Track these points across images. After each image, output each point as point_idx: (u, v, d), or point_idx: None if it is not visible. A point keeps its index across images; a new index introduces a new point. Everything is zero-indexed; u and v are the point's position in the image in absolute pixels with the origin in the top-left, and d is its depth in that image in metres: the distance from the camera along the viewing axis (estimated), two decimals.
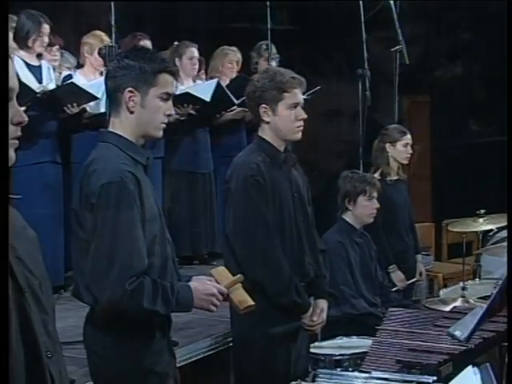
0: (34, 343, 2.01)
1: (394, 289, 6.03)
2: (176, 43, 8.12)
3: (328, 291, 4.70)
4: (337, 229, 5.66)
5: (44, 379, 2.02)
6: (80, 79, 7.00)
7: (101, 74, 7.04)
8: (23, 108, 6.29)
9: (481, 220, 6.70)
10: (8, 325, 1.87)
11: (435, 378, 3.44)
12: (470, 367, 1.92)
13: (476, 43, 10.72)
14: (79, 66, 7.56)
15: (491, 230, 7.07)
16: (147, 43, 7.09)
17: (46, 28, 6.70)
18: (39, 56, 6.80)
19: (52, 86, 6.72)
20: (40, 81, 6.70)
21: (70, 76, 7.15)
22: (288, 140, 4.54)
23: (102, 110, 6.47)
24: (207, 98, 7.56)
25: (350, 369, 3.86)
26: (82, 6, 9.36)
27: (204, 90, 7.62)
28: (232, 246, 4.39)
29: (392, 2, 7.04)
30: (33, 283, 2.08)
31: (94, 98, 6.79)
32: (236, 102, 7.67)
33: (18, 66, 6.50)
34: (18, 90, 2.02)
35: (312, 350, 4.47)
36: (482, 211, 6.72)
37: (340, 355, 4.32)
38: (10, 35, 6.67)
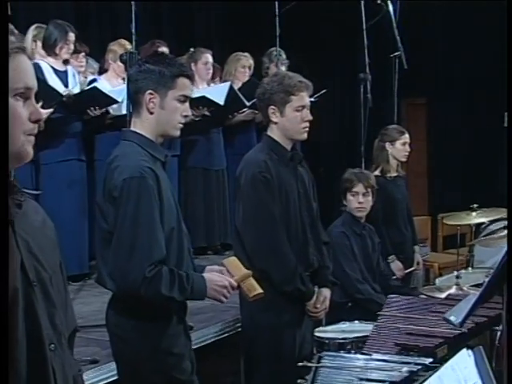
0: (38, 335, 1.98)
1: (393, 277, 6.02)
2: (192, 50, 8.14)
3: (331, 280, 4.69)
4: (341, 221, 5.65)
5: (45, 370, 1.99)
6: (104, 83, 7.03)
7: (123, 79, 7.07)
8: (50, 110, 6.33)
9: (474, 214, 6.70)
10: (8, 325, 1.84)
11: (431, 359, 3.44)
12: (464, 350, 1.91)
13: (472, 46, 10.69)
14: (103, 70, 7.58)
15: (483, 223, 7.05)
16: (165, 50, 7.10)
17: (72, 36, 6.75)
18: (65, 62, 6.83)
19: (77, 90, 6.75)
20: (66, 85, 6.73)
21: (94, 80, 7.18)
22: (294, 140, 4.51)
23: (124, 112, 6.49)
24: (221, 101, 7.58)
25: (353, 351, 3.85)
26: (105, 15, 9.38)
27: (218, 93, 7.63)
28: (241, 237, 4.38)
29: (392, 12, 7.04)
30: (43, 277, 2.05)
31: (115, 101, 6.82)
32: (247, 104, 7.68)
33: (46, 71, 6.56)
34: (36, 90, 2.00)
35: (317, 334, 4.45)
36: (475, 205, 6.72)
37: (343, 339, 4.30)
38: (39, 43, 6.73)
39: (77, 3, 9.04)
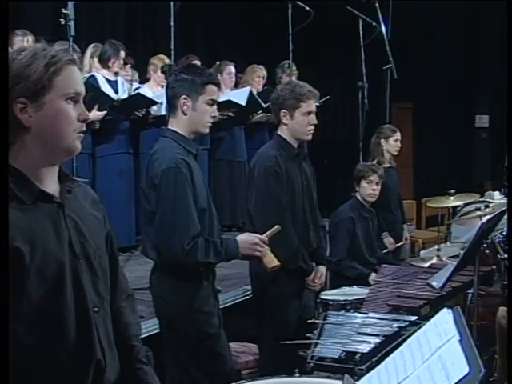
0: (83, 299, 1.98)
1: (385, 250, 5.99)
2: (218, 62, 8.14)
3: (327, 259, 4.62)
4: (349, 205, 5.59)
5: (90, 328, 1.99)
6: (147, 91, 7.04)
7: (162, 87, 7.08)
8: (104, 112, 6.35)
9: (451, 198, 6.69)
10: (7, 319, 1.80)
11: (417, 317, 3.43)
12: (444, 309, 1.90)
13: (450, 62, 10.69)
14: (145, 80, 7.61)
15: (459, 206, 7.01)
16: (197, 62, 7.09)
17: (123, 53, 6.82)
18: (116, 73, 6.86)
19: (125, 96, 6.77)
20: (116, 91, 6.74)
21: (138, 88, 7.20)
22: (301, 140, 4.41)
23: (163, 112, 6.50)
24: (243, 102, 7.56)
25: (352, 311, 3.83)
26: (148, 35, 9.41)
27: (240, 96, 7.62)
28: (253, 220, 4.28)
29: (384, 31, 7.02)
30: (88, 251, 2.03)
31: (155, 103, 6.84)
32: (264, 105, 7.66)
33: (101, 81, 6.60)
34: (84, 94, 2.00)
35: (322, 297, 4.43)
36: (452, 191, 6.71)
37: (344, 300, 4.29)
38: (96, 59, 6.77)
39: (128, 26, 9.18)
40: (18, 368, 1.85)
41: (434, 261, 5.24)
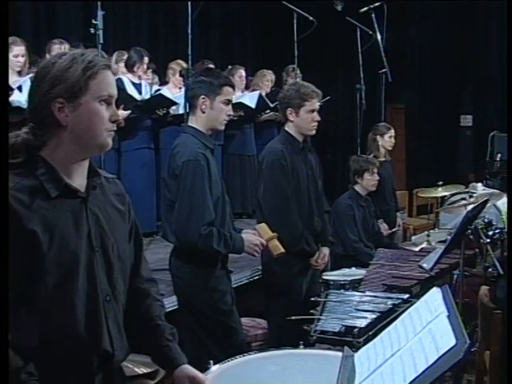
0: (94, 289, 1.93)
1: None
2: (230, 66, 8.15)
3: (330, 241, 4.60)
4: (348, 195, 5.58)
5: (99, 317, 1.94)
6: (166, 92, 7.05)
7: (180, 88, 7.09)
8: (129, 111, 6.36)
9: (439, 189, 6.68)
10: (7, 319, 1.74)
11: (408, 295, 3.44)
12: (434, 288, 1.91)
13: (439, 67, 10.67)
14: (164, 82, 7.61)
15: (446, 196, 7.00)
16: (212, 66, 7.10)
17: (146, 59, 6.87)
18: (139, 77, 6.86)
19: (147, 97, 6.78)
20: (140, 93, 6.75)
21: (158, 90, 7.20)
22: (305, 135, 4.37)
23: (181, 112, 6.51)
24: (253, 105, 7.60)
25: (351, 290, 3.84)
26: (168, 42, 9.41)
27: (251, 99, 7.66)
28: (261, 208, 4.26)
29: (380, 39, 7.00)
30: (106, 244, 1.98)
31: (174, 103, 6.84)
32: (272, 105, 7.66)
33: (126, 83, 6.63)
34: (116, 97, 1.97)
35: (324, 277, 4.43)
36: (440, 182, 6.70)
37: (344, 280, 4.29)
38: (121, 64, 6.80)
39: (149, 33, 9.19)
40: (24, 350, 1.81)
41: (424, 245, 5.25)
